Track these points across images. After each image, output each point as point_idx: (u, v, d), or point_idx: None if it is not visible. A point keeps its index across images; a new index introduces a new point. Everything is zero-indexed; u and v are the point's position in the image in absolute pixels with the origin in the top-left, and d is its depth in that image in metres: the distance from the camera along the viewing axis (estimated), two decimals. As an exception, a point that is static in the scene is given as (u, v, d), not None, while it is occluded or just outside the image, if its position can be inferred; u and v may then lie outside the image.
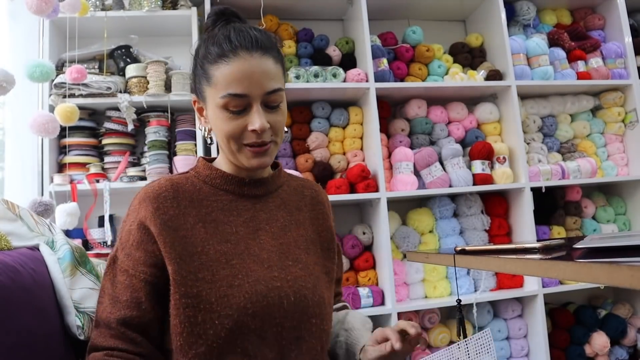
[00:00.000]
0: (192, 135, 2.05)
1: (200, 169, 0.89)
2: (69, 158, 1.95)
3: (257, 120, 0.78)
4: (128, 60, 2.07)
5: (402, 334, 0.78)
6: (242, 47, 0.78)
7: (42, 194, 1.86)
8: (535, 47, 2.33)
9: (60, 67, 1.97)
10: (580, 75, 2.37)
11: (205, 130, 0.88)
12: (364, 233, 2.12)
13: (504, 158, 2.20)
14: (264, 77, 0.79)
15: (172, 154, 2.09)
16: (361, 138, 2.18)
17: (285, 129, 0.92)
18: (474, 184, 2.13)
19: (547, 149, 2.35)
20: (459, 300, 0.89)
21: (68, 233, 1.85)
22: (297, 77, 2.05)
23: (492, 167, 2.20)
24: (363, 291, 1.98)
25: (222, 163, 0.89)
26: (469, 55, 2.38)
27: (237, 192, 0.87)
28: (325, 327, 0.83)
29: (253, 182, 0.88)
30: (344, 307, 1.03)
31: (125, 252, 0.80)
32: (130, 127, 2.00)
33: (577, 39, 2.49)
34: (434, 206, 2.22)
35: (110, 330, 0.77)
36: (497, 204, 2.23)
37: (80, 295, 0.89)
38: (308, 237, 0.89)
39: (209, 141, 0.91)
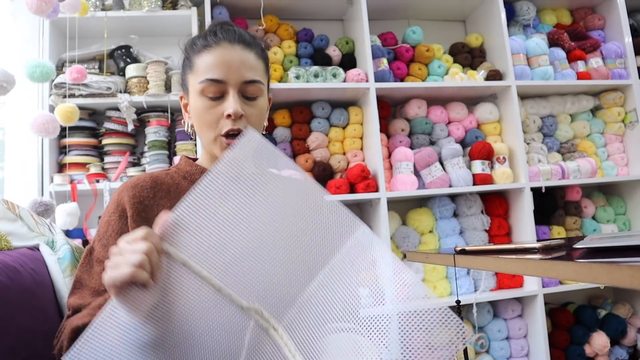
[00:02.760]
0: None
1: (181, 166, 0.91)
2: (69, 158, 1.95)
3: (231, 105, 0.80)
4: (128, 60, 2.07)
5: None
6: (225, 39, 0.82)
7: (42, 194, 1.86)
8: (535, 47, 2.33)
9: (60, 67, 1.98)
10: (580, 75, 2.37)
11: (188, 126, 0.91)
12: (364, 233, 2.12)
13: (503, 158, 2.20)
14: (243, 66, 0.81)
15: (172, 154, 2.10)
16: (361, 138, 2.18)
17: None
18: (474, 184, 2.13)
19: (547, 149, 2.35)
20: (457, 302, 0.89)
21: (68, 233, 1.85)
22: (297, 77, 2.05)
23: (492, 167, 2.20)
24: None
25: (204, 160, 0.91)
26: (469, 55, 2.38)
27: None
28: None
29: None
30: None
31: (102, 243, 0.80)
32: (130, 127, 2.00)
33: (577, 39, 2.49)
34: (434, 206, 2.22)
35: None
36: (497, 204, 2.23)
37: (80, 295, 0.89)
38: None
39: (192, 137, 0.93)
